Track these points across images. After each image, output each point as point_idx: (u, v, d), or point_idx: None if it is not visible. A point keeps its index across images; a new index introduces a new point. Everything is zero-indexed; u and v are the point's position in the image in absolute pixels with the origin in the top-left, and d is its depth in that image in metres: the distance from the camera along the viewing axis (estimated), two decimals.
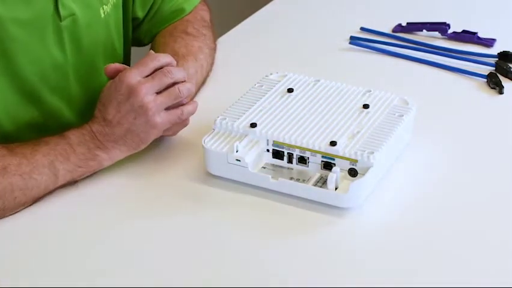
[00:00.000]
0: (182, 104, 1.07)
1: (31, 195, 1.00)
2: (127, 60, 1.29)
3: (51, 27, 1.08)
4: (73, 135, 1.03)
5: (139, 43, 1.32)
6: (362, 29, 1.44)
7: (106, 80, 1.18)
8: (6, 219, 0.99)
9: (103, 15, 1.15)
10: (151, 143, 1.07)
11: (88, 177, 1.05)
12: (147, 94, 1.03)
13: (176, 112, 1.06)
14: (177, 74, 1.06)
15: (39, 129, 1.12)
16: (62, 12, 1.08)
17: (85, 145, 1.03)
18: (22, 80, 1.08)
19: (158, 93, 1.04)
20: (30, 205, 1.00)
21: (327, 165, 1.02)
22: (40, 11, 1.06)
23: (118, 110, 1.03)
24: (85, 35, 1.13)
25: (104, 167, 1.05)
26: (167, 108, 1.05)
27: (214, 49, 1.31)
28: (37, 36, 1.07)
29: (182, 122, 1.08)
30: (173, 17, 1.29)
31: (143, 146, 1.06)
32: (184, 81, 1.07)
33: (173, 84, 1.05)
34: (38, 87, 1.10)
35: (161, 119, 1.04)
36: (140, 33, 1.30)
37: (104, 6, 1.15)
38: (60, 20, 1.09)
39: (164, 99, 1.04)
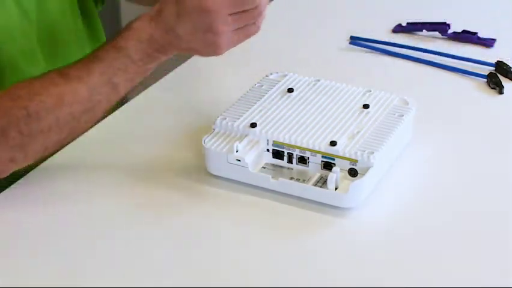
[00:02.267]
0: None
1: (97, 114, 1.00)
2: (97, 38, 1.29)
3: None
4: (132, 46, 0.99)
5: None
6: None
7: (73, 53, 1.18)
8: (6, 216, 0.99)
9: None
10: (150, 144, 1.07)
11: (87, 176, 1.05)
12: (219, 14, 0.99)
13: (245, 36, 1.03)
14: (260, 2, 1.02)
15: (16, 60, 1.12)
16: None
17: (144, 52, 1.00)
18: None
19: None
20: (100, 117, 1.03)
21: (327, 165, 1.02)
22: None
23: (191, 26, 0.99)
24: (40, 4, 1.13)
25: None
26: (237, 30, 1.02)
27: None
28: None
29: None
30: None
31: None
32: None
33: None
34: (9, 56, 1.09)
35: (228, 44, 1.02)
36: None
37: None
38: None
39: (237, 24, 1.01)
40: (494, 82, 1.26)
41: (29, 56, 1.13)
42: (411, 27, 1.44)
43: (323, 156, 1.01)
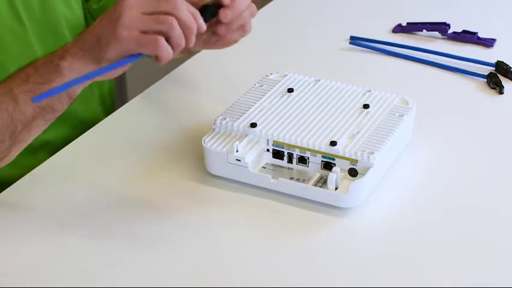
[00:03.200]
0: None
1: None
2: None
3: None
4: (44, 56, 0.96)
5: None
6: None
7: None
8: (2, 219, 0.99)
9: None
10: (150, 144, 1.07)
11: (87, 175, 1.05)
12: (132, 6, 0.92)
13: (148, 37, 0.91)
14: (179, 6, 0.92)
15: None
16: None
17: (49, 61, 0.95)
18: None
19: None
20: (14, 143, 0.96)
21: (327, 165, 1.02)
22: None
23: (103, 15, 0.94)
24: (40, 4, 1.13)
25: (66, 78, 0.93)
26: (147, 33, 0.92)
27: None
28: None
29: (158, 54, 0.92)
30: None
31: (103, 56, 0.92)
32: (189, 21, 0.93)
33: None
34: (3, 59, 1.09)
35: (129, 34, 0.91)
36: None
37: None
38: None
39: (147, 18, 0.92)
40: (494, 82, 1.26)
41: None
42: (411, 27, 1.44)
43: (323, 156, 1.01)
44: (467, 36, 1.40)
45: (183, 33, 0.92)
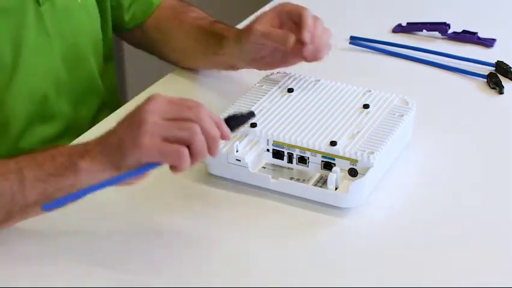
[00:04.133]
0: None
1: None
2: (111, 49, 1.30)
3: (32, 13, 1.09)
4: (65, 147, 0.94)
5: (122, 28, 1.32)
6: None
7: (95, 68, 1.19)
8: None
9: (79, 0, 1.17)
10: None
11: None
12: (154, 112, 0.88)
13: (171, 148, 0.88)
14: (202, 115, 0.90)
15: (30, 118, 1.13)
16: None
17: (68, 155, 0.91)
18: (8, 66, 1.08)
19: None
20: (6, 220, 0.92)
21: (327, 165, 1.02)
22: None
23: (125, 117, 0.91)
24: (64, 19, 1.14)
25: (85, 183, 0.90)
26: (169, 140, 0.88)
27: None
28: (18, 23, 1.08)
29: (177, 165, 0.89)
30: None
31: (122, 164, 0.89)
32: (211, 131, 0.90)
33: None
34: (26, 75, 1.10)
35: (151, 142, 0.87)
36: (121, 17, 1.30)
37: None
38: (40, 5, 1.10)
39: (169, 125, 0.88)
40: (494, 82, 1.26)
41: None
42: (411, 27, 1.44)
43: (323, 156, 1.01)
44: (467, 36, 1.40)
45: (206, 142, 0.89)
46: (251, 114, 0.97)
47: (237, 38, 1.16)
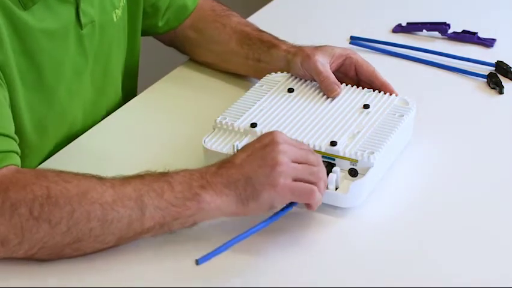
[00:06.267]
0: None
1: (110, 230, 0.89)
2: (136, 64, 1.29)
3: (73, 35, 1.08)
4: (178, 174, 0.92)
5: (155, 32, 1.31)
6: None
7: (119, 85, 1.18)
8: None
9: (115, 19, 1.16)
10: (150, 144, 1.06)
11: None
12: (285, 153, 0.92)
13: (304, 186, 0.92)
14: (321, 162, 0.96)
15: (58, 143, 1.11)
16: (83, 19, 1.08)
17: (187, 184, 0.91)
18: (50, 91, 1.07)
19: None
20: (113, 245, 0.91)
21: (328, 165, 1.01)
22: (64, 21, 1.06)
23: (248, 154, 0.93)
24: (100, 40, 1.13)
25: (205, 216, 0.92)
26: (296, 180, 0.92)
27: None
28: (61, 46, 1.06)
29: (311, 202, 0.93)
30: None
31: (252, 204, 0.91)
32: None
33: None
34: (61, 95, 1.09)
35: (285, 182, 0.91)
36: (156, 23, 1.29)
37: (116, 10, 1.15)
38: (81, 28, 1.08)
39: (300, 168, 0.93)
40: (494, 82, 1.26)
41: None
42: (411, 27, 1.44)
43: (323, 156, 1.01)
44: (467, 36, 1.40)
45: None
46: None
47: (292, 55, 1.17)
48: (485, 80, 1.28)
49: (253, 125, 1.05)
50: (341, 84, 1.12)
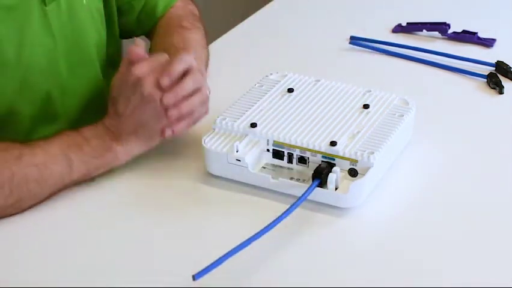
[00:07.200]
0: None
1: (46, 187, 0.99)
2: (118, 53, 1.29)
3: (37, 12, 1.09)
4: (87, 130, 1.04)
5: (131, 34, 1.32)
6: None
7: (100, 72, 1.19)
8: (10, 218, 0.99)
9: (85, 1, 1.16)
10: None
11: None
12: (154, 85, 1.02)
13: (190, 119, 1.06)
14: (198, 78, 1.06)
15: (35, 117, 1.13)
16: None
17: (99, 138, 1.03)
18: (13, 67, 1.08)
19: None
20: (46, 198, 1.00)
21: (328, 165, 1.01)
22: None
23: (128, 101, 1.03)
24: (69, 20, 1.14)
25: (121, 163, 1.05)
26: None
27: (206, 43, 1.31)
28: (23, 22, 1.08)
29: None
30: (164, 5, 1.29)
31: (156, 138, 1.05)
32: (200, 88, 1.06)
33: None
34: (29, 74, 1.10)
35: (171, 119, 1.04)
36: (131, 23, 1.29)
37: None
38: (45, 5, 1.10)
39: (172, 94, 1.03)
40: (494, 82, 1.27)
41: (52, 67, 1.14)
42: (411, 27, 1.44)
43: (323, 156, 1.01)
44: (467, 36, 1.40)
45: None
46: None
47: None
48: (485, 80, 1.28)
49: (253, 125, 1.05)
50: None
